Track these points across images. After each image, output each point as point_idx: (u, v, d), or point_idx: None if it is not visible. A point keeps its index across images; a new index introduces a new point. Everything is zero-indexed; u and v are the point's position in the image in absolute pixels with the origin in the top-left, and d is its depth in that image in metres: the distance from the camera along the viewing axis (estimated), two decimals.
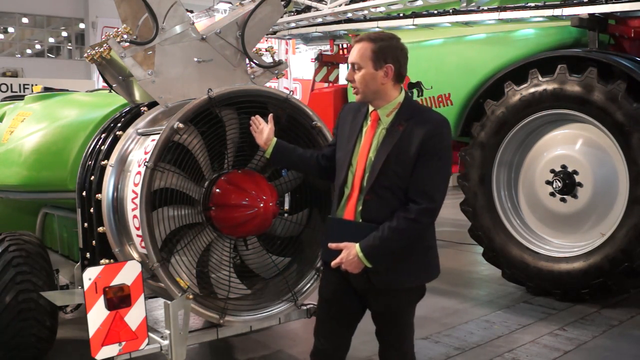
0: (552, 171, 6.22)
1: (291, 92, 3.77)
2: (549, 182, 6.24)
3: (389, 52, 2.81)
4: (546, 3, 6.39)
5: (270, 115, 3.27)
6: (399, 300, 2.92)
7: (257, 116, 3.28)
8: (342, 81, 10.28)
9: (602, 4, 6.04)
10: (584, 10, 6.09)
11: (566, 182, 6.09)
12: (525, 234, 6.43)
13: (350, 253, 2.75)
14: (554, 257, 6.11)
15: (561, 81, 5.96)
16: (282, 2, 4.41)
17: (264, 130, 3.21)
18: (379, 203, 2.77)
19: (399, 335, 3.00)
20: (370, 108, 2.91)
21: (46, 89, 6.26)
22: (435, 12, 7.29)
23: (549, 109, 6.12)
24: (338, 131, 3.05)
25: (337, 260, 2.77)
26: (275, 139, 3.21)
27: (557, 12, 6.24)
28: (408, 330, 3.02)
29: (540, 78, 6.11)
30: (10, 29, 30.41)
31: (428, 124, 2.76)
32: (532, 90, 6.16)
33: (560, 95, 5.97)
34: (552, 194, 6.23)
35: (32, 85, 17.25)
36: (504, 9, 6.66)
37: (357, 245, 2.74)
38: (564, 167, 6.15)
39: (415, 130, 2.74)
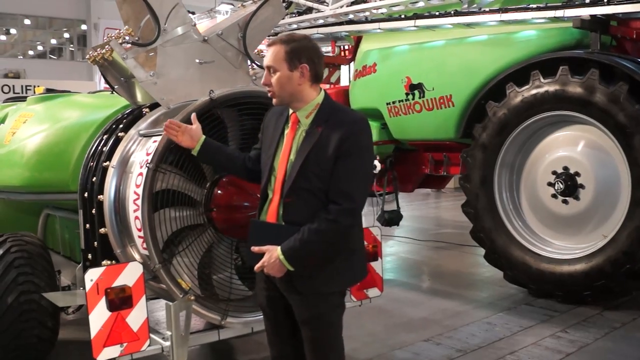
0: (554, 173, 6.22)
1: None
2: (550, 184, 6.24)
3: (303, 52, 2.76)
4: (548, 4, 6.39)
5: (193, 115, 3.18)
6: (322, 307, 2.83)
7: (170, 120, 3.18)
8: (344, 82, 10.29)
9: (604, 5, 6.04)
10: (585, 12, 6.08)
11: (568, 183, 6.08)
12: (527, 235, 6.42)
13: (272, 256, 2.69)
14: (555, 259, 6.10)
15: (563, 83, 5.95)
16: (284, 4, 4.42)
17: (186, 130, 3.10)
18: (300, 205, 2.73)
19: (322, 349, 2.87)
20: (290, 111, 2.87)
21: (48, 90, 6.27)
22: (437, 13, 7.28)
23: (550, 111, 6.11)
24: (262, 135, 3.01)
25: (260, 263, 2.72)
26: (203, 137, 3.13)
27: (559, 13, 6.23)
28: (333, 344, 2.91)
29: (542, 79, 6.11)
30: (13, 31, 30.49)
31: (345, 124, 2.73)
32: (533, 91, 6.15)
33: (562, 96, 5.96)
34: (554, 196, 6.22)
35: (34, 87, 17.28)
36: (506, 11, 6.64)
37: (279, 248, 2.69)
38: (565, 168, 6.14)
39: (333, 131, 2.71)
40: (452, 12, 7.10)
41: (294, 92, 2.77)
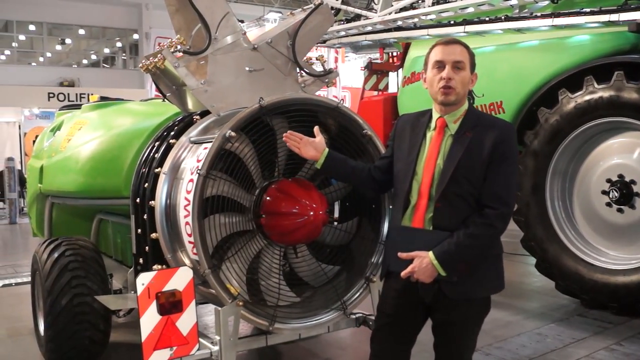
0: (609, 181, 6.06)
1: (341, 101, 3.77)
2: (605, 192, 6.08)
3: (475, 62, 2.86)
4: (602, 8, 6.24)
5: (316, 128, 3.22)
6: (469, 313, 2.84)
7: (291, 132, 3.21)
8: (392, 89, 10.24)
9: None
10: None
11: (623, 192, 5.92)
12: (580, 245, 6.27)
13: (423, 261, 2.69)
14: (610, 270, 5.94)
15: (618, 88, 5.80)
16: (333, 11, 4.42)
17: (309, 142, 3.14)
18: (450, 210, 2.73)
19: (459, 351, 2.93)
20: (435, 116, 2.89)
21: (102, 98, 6.43)
22: (487, 19, 7.20)
23: (605, 117, 5.97)
24: (395, 143, 3.02)
25: (409, 269, 2.72)
26: (327, 149, 3.16)
27: (614, 17, 6.08)
28: (469, 346, 2.95)
29: (596, 85, 5.97)
30: (68, 40, 31.40)
31: (497, 129, 2.75)
32: (587, 97, 6.02)
33: (617, 102, 5.81)
34: (608, 204, 6.06)
35: (88, 95, 17.77)
36: (558, 15, 6.53)
37: (431, 252, 2.69)
38: (621, 176, 5.98)
39: (484, 136, 2.73)
40: (503, 17, 7.00)
41: (465, 94, 2.83)
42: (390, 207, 3.68)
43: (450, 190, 2.72)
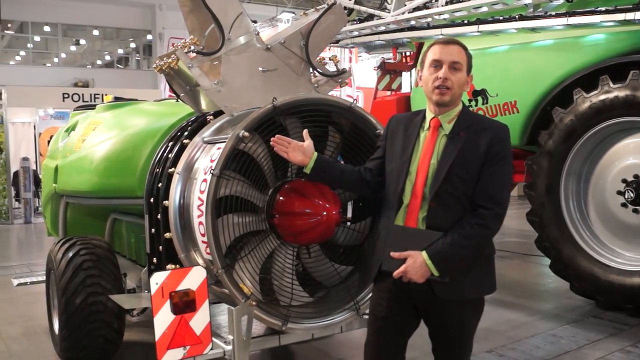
0: (624, 181, 6.01)
1: (354, 101, 3.76)
2: (620, 193, 6.03)
3: (472, 64, 2.86)
4: (617, 7, 6.19)
5: (305, 131, 3.15)
6: (462, 314, 2.82)
7: (279, 135, 3.14)
8: (405, 89, 10.22)
9: None
10: None
11: (639, 192, 5.86)
12: (595, 245, 6.22)
13: (416, 261, 2.67)
14: (626, 271, 5.88)
15: (634, 87, 5.75)
16: (346, 11, 4.41)
17: (297, 147, 3.05)
18: (444, 210, 2.71)
19: (457, 353, 2.90)
20: (429, 115, 2.87)
21: (116, 99, 6.46)
22: (501, 18, 7.16)
23: (620, 117, 5.92)
24: (387, 143, 2.98)
25: (402, 268, 2.69)
26: (315, 153, 3.07)
27: (630, 16, 6.02)
28: (466, 348, 2.92)
29: (612, 84, 5.92)
30: (82, 41, 31.62)
31: (491, 130, 2.75)
32: (602, 97, 5.97)
33: (632, 102, 5.76)
34: (623, 205, 6.01)
35: (102, 95, 17.87)
36: (573, 14, 6.48)
37: (424, 252, 2.66)
38: (636, 176, 5.92)
39: (478, 137, 2.72)
40: (517, 16, 6.96)
41: (460, 95, 2.83)
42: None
43: (444, 189, 2.71)
